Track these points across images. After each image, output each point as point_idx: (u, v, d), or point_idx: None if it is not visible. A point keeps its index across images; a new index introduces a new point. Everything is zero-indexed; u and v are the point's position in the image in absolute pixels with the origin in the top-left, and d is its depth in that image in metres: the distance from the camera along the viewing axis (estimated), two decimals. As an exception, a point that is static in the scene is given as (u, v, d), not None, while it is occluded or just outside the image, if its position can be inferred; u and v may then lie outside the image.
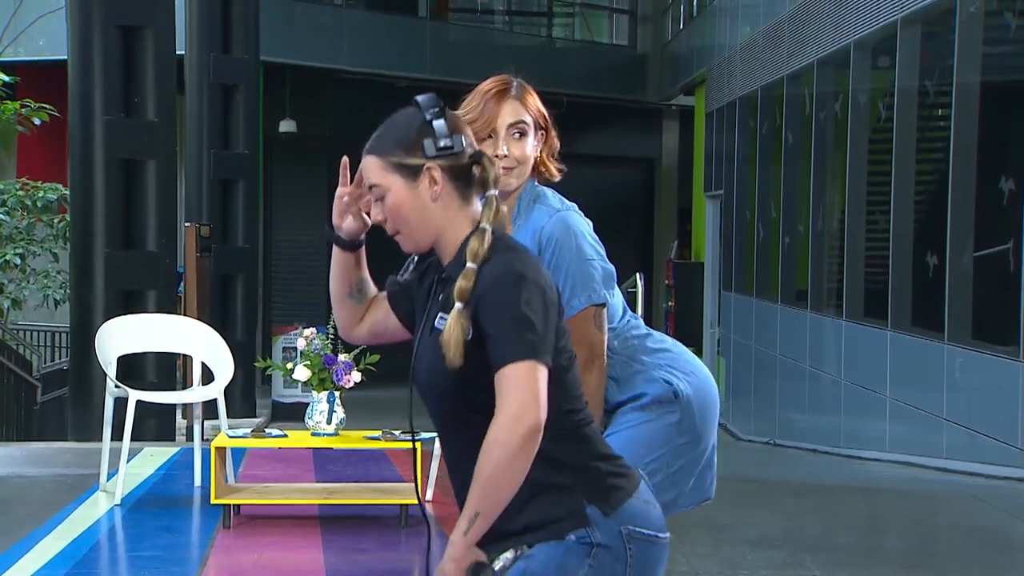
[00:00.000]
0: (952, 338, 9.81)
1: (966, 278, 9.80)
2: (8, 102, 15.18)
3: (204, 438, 7.31)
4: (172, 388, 8.23)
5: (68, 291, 11.65)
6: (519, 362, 2.50)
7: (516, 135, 3.28)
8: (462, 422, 2.67)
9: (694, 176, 20.36)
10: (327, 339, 6.36)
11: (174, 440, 8.91)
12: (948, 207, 9.91)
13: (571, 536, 2.61)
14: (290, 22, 17.34)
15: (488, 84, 3.32)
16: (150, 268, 10.54)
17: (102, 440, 7.23)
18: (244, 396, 12.86)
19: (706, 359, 18.08)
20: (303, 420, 6.53)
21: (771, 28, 15.30)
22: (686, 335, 18.58)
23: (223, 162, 13.57)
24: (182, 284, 11.22)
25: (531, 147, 3.32)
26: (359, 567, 5.75)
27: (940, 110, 10.34)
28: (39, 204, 15.76)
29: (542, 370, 2.53)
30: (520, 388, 2.49)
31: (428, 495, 6.46)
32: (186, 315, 9.58)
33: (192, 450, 7.72)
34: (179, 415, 10.29)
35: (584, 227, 3.31)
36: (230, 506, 6.46)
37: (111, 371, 7.12)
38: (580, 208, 3.38)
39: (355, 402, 6.64)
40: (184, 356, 8.29)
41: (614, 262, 3.40)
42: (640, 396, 3.29)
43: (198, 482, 7.20)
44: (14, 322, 15.78)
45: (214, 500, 6.47)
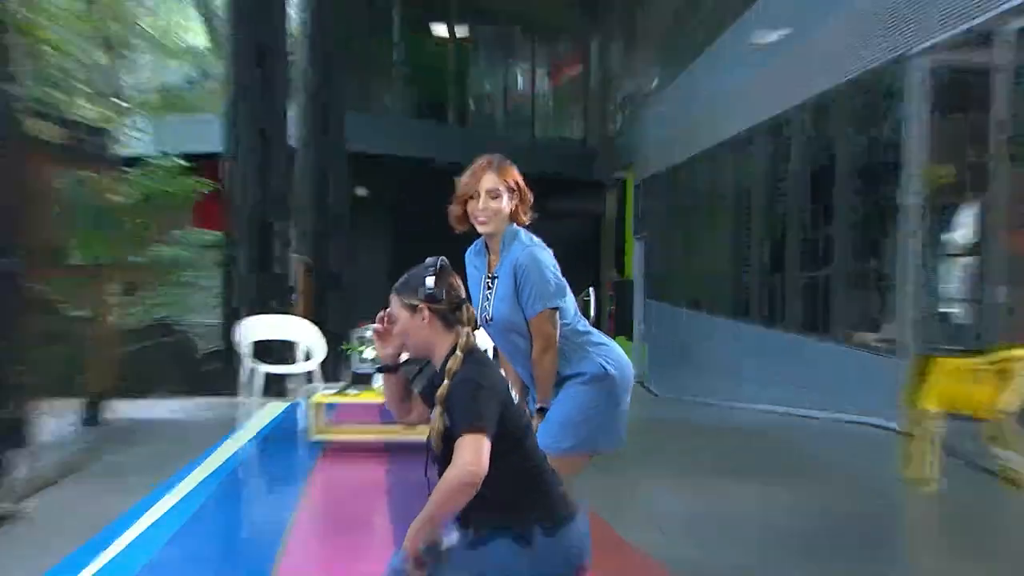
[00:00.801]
0: (787, 328, 9.88)
1: (796, 291, 9.82)
2: (189, 179, 15.28)
3: (307, 396, 7.28)
4: (287, 363, 8.28)
5: (221, 299, 11.69)
6: (468, 434, 2.48)
7: (493, 196, 3.18)
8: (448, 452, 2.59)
9: (626, 225, 20.25)
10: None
11: (289, 396, 8.95)
12: (785, 247, 9.98)
13: (510, 535, 2.57)
14: (366, 125, 17.39)
15: (479, 161, 3.23)
16: (274, 285, 10.64)
17: (243, 396, 7.34)
18: (332, 368, 12.72)
19: (635, 344, 18.02)
20: (371, 384, 6.55)
21: (673, 132, 15.31)
22: (622, 328, 18.51)
23: (323, 215, 13.47)
24: (294, 295, 11.21)
25: (506, 203, 3.20)
26: (408, 478, 5.61)
27: (782, 185, 10.39)
28: (205, 243, 15.88)
29: (485, 440, 2.49)
30: (466, 450, 2.47)
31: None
32: (296, 315, 9.62)
33: (299, 404, 7.80)
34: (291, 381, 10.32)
35: (544, 256, 3.22)
36: (324, 440, 6.52)
37: (248, 351, 7.19)
38: (549, 244, 3.30)
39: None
40: (294, 342, 8.34)
41: (574, 281, 3.32)
42: (583, 373, 3.21)
43: (303, 425, 7.19)
44: (188, 319, 15.81)
45: (313, 436, 6.56)
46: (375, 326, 2.76)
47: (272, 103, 10.57)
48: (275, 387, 8.76)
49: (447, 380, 2.58)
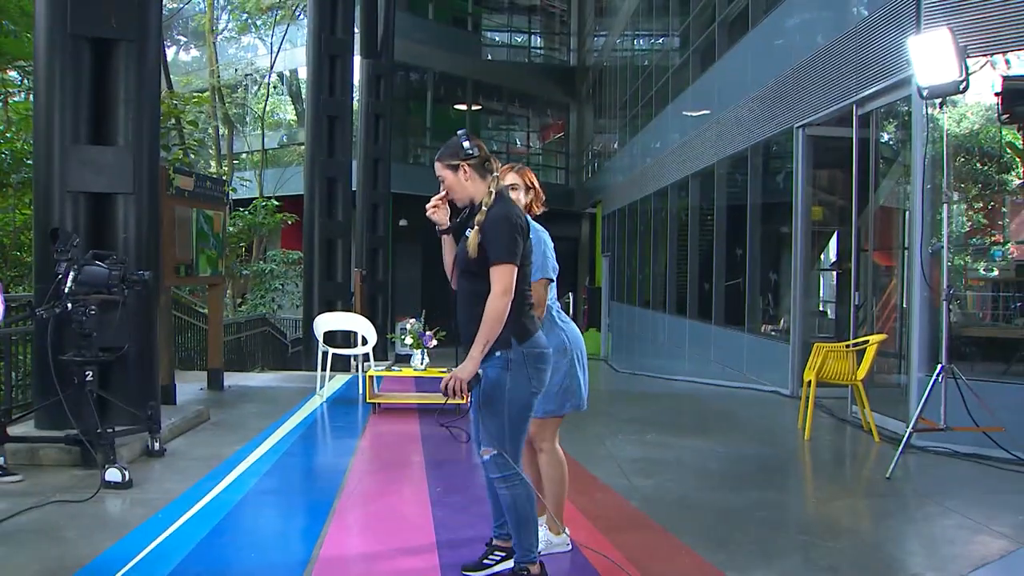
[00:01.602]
0: (716, 322, 9.86)
1: (720, 294, 9.80)
2: (279, 214, 15.40)
3: (363, 371, 7.22)
4: (348, 346, 8.30)
5: (302, 300, 11.75)
6: (501, 265, 2.41)
7: (512, 189, 3.03)
8: (469, 292, 2.51)
9: (596, 247, 20.26)
10: (420, 323, 6.30)
11: (350, 371, 9.02)
12: (712, 261, 10.02)
13: (497, 354, 2.49)
14: (406, 172, 17.41)
15: (504, 166, 3.03)
16: (338, 290, 10.72)
17: (317, 371, 7.41)
18: (382, 351, 12.64)
19: (602, 333, 18.08)
20: (410, 363, 6.45)
21: (631, 177, 15.31)
22: (593, 321, 18.64)
23: (374, 239, 13.44)
24: (352, 298, 11.31)
25: (523, 196, 3.07)
26: (434, 430, 5.56)
27: (708, 218, 10.49)
28: (290, 259, 15.95)
29: (513, 268, 2.41)
30: (499, 281, 2.39)
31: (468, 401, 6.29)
32: (355, 312, 9.66)
33: (358, 377, 7.77)
34: (352, 360, 10.24)
35: (549, 241, 3.09)
36: (375, 403, 6.44)
37: (321, 338, 7.25)
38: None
39: (434, 354, 6.42)
40: (354, 331, 8.41)
41: (559, 287, 3.19)
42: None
43: (360, 392, 7.10)
44: (279, 315, 15.88)
45: (367, 400, 6.51)
46: (434, 200, 2.59)
47: (337, 158, 10.60)
48: (340, 364, 8.73)
49: (484, 210, 2.48)
